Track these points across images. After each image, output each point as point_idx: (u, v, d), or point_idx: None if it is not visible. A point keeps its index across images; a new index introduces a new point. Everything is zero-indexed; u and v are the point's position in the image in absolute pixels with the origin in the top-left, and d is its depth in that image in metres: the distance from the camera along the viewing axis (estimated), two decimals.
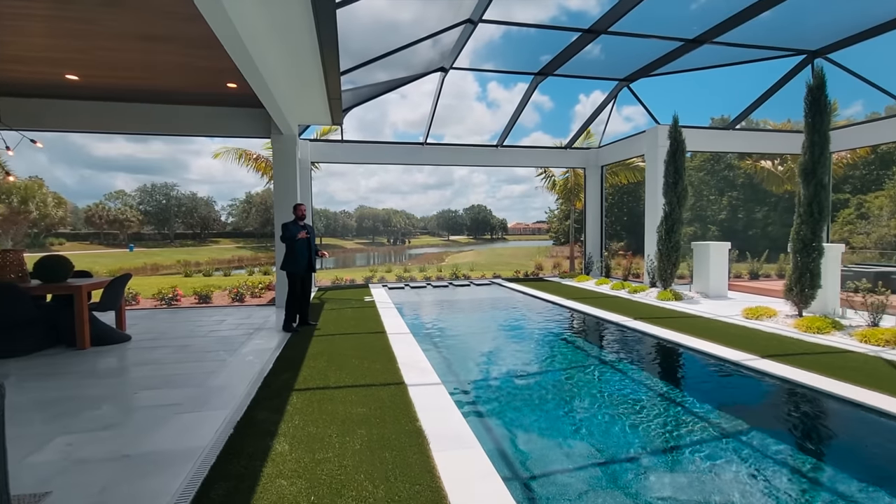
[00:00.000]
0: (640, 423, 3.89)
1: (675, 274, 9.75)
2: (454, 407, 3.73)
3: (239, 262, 47.91)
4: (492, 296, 11.04)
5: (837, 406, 3.96)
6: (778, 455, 3.29)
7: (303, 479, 2.65)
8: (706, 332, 6.27)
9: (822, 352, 5.26)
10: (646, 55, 10.04)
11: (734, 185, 40.20)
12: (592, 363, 5.74)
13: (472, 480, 2.62)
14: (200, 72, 7.18)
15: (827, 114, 6.72)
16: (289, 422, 3.47)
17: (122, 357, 5.52)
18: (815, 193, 6.73)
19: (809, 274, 6.77)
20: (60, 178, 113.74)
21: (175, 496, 2.49)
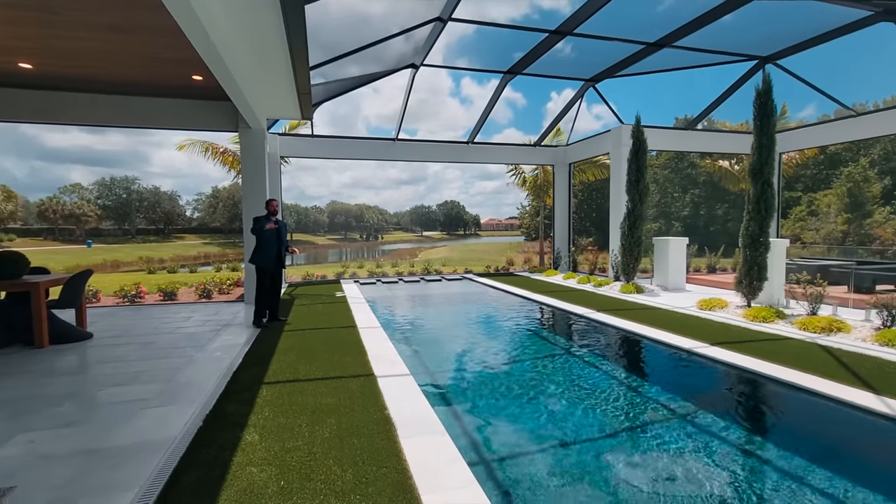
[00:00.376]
0: (598, 406, 4.14)
1: (638, 268, 10.18)
2: (422, 396, 3.87)
3: (206, 259, 46.54)
4: (462, 290, 11.23)
5: (775, 387, 4.31)
6: (721, 432, 3.58)
7: (273, 466, 2.74)
8: (663, 322, 6.62)
9: (765, 339, 5.67)
10: (611, 56, 10.39)
11: (696, 183, 41.73)
12: (556, 353, 6.00)
13: (437, 463, 2.77)
14: (164, 63, 7.02)
15: (773, 117, 7.16)
16: (258, 413, 3.53)
17: (84, 355, 5.39)
18: (763, 192, 7.19)
19: (757, 267, 7.23)
20: (9, 169, 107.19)
21: (145, 485, 2.53)
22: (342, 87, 11.01)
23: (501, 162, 14.77)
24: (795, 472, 3.00)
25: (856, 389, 3.90)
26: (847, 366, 4.53)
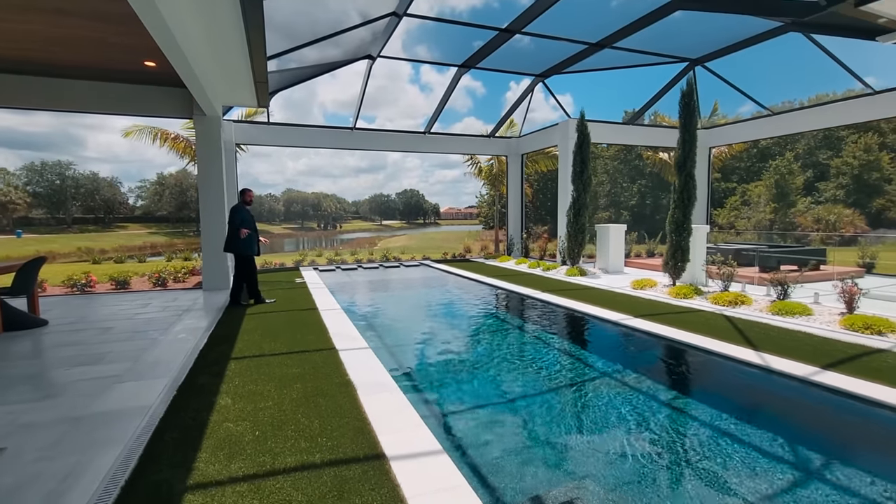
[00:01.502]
0: (532, 367, 4.76)
1: (582, 253, 11.01)
2: (379, 364, 4.33)
3: (153, 249, 44.43)
4: (419, 276, 11.71)
5: (680, 348, 5.09)
6: (637, 384, 4.28)
7: (247, 421, 3.12)
8: (598, 300, 7.39)
9: (681, 311, 6.52)
10: (558, 54, 11.04)
11: (643, 174, 43.92)
12: (502, 327, 6.62)
13: (391, 413, 3.25)
14: (114, 48, 6.95)
15: (695, 116, 8.03)
16: (229, 383, 3.87)
17: (42, 340, 5.45)
18: (686, 183, 8.08)
19: (681, 250, 8.14)
20: None
21: (130, 440, 2.86)
22: (299, 76, 11.07)
23: (457, 152, 15.25)
24: (676, 404, 3.72)
25: (741, 347, 4.72)
26: (741, 330, 5.39)
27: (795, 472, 2.85)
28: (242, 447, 2.77)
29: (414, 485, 2.37)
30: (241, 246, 7.28)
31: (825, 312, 6.14)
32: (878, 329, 5.16)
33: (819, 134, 36.94)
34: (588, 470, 2.89)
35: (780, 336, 5.13)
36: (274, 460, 2.62)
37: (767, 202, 37.10)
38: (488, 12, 9.42)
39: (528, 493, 2.62)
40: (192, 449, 2.77)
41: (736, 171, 41.83)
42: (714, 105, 15.90)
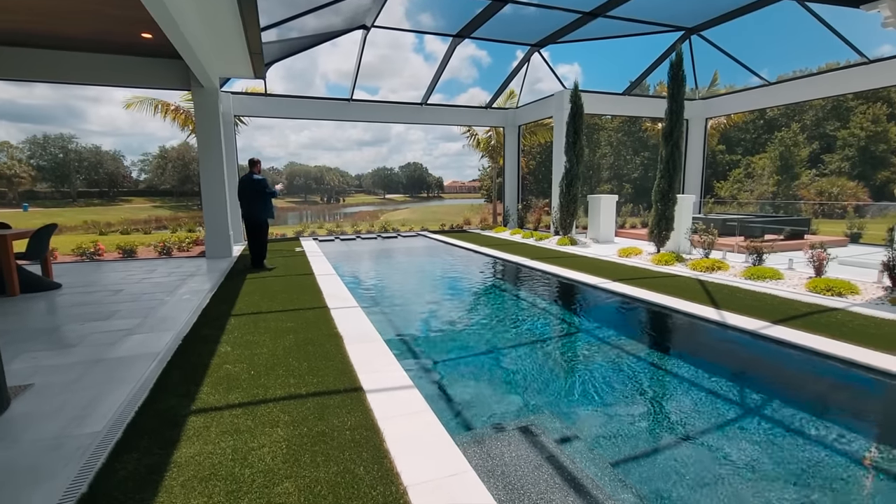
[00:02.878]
0: (505, 324, 5.14)
1: (574, 223, 11.29)
2: (366, 319, 4.71)
3: (157, 223, 44.90)
4: (414, 245, 12.06)
5: (648, 307, 5.44)
6: (595, 331, 4.65)
7: (244, 363, 3.52)
8: (581, 266, 7.72)
9: (658, 276, 6.84)
10: (553, 24, 11.01)
11: (647, 146, 43.49)
12: (483, 289, 6.99)
13: (372, 358, 3.64)
14: (110, 20, 7.10)
15: (683, 87, 8.14)
16: (229, 334, 4.27)
17: (58, 301, 5.87)
18: (671, 153, 8.26)
19: (665, 219, 8.40)
20: None
21: (143, 378, 3.27)
22: (298, 46, 11.13)
23: (455, 123, 15.33)
24: (627, 349, 4.10)
25: (703, 306, 5.06)
26: (709, 292, 5.72)
27: (719, 402, 3.23)
28: (239, 383, 3.17)
29: (384, 410, 2.76)
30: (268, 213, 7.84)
31: (795, 277, 6.45)
32: (839, 291, 5.47)
33: (828, 104, 36.30)
34: (543, 401, 3.29)
35: (744, 297, 5.46)
36: (266, 392, 3.02)
37: (771, 174, 36.81)
38: None
39: (481, 417, 3.02)
40: (196, 384, 3.17)
41: (741, 142, 41.30)
42: (714, 75, 15.77)
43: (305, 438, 2.45)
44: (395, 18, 10.50)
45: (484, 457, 2.54)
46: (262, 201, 7.74)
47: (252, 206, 7.74)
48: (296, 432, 2.51)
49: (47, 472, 2.20)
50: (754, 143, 41.00)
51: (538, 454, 2.58)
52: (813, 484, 2.40)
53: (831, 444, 2.76)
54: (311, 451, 2.34)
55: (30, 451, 2.39)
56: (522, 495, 2.22)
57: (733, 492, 2.33)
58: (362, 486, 2.07)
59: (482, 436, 2.80)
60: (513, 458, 2.54)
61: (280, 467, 2.20)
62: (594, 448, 2.71)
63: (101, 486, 2.09)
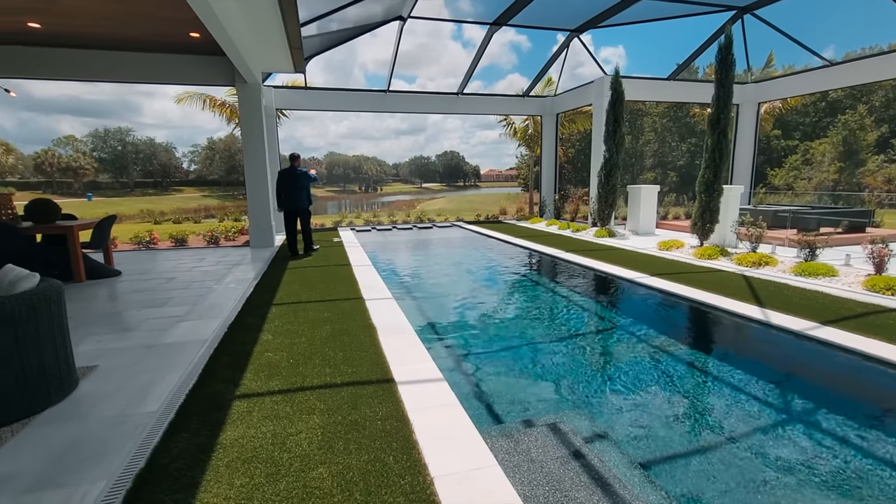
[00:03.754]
0: (538, 318, 5.12)
1: (613, 214, 11.00)
2: (400, 312, 4.83)
3: (206, 211, 47.16)
4: (449, 236, 12.13)
5: (686, 304, 5.27)
6: (644, 335, 4.57)
7: (284, 352, 3.71)
8: (620, 259, 7.54)
9: (699, 271, 6.60)
10: (594, 7, 10.64)
11: (694, 132, 41.46)
12: (517, 282, 6.97)
13: (404, 350, 3.74)
14: (163, 22, 7.47)
15: (732, 71, 7.71)
16: (271, 323, 4.49)
17: (118, 288, 6.34)
18: (718, 142, 7.87)
19: (709, 211, 8.05)
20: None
21: (192, 363, 3.52)
22: (335, 40, 11.32)
23: (491, 113, 15.18)
24: (661, 346, 4.00)
25: (746, 304, 4.85)
26: (753, 289, 5.47)
27: (757, 405, 3.13)
28: (279, 371, 3.35)
29: (414, 401, 2.85)
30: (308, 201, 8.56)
31: (852, 274, 6.05)
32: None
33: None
34: (573, 398, 3.29)
35: (792, 295, 5.19)
36: (303, 380, 3.18)
37: (833, 161, 34.27)
38: None
39: (510, 412, 3.06)
40: (240, 370, 3.37)
41: (799, 126, 38.59)
42: (769, 56, 14.83)
43: (339, 427, 2.58)
44: (434, 4, 10.33)
45: (511, 451, 2.59)
46: (306, 192, 8.46)
47: (295, 197, 8.32)
48: (330, 420, 2.65)
49: (113, 446, 2.43)
50: (814, 127, 38.20)
51: (566, 451, 2.60)
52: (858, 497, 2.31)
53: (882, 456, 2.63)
54: (345, 438, 2.46)
55: (98, 427, 2.64)
56: (547, 492, 2.26)
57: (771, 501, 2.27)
58: (391, 475, 2.17)
59: (510, 430, 2.84)
60: (539, 454, 2.57)
61: (315, 453, 2.33)
62: (624, 447, 2.70)
63: (157, 462, 2.28)
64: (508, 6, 10.35)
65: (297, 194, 8.37)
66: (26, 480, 2.18)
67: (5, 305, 2.66)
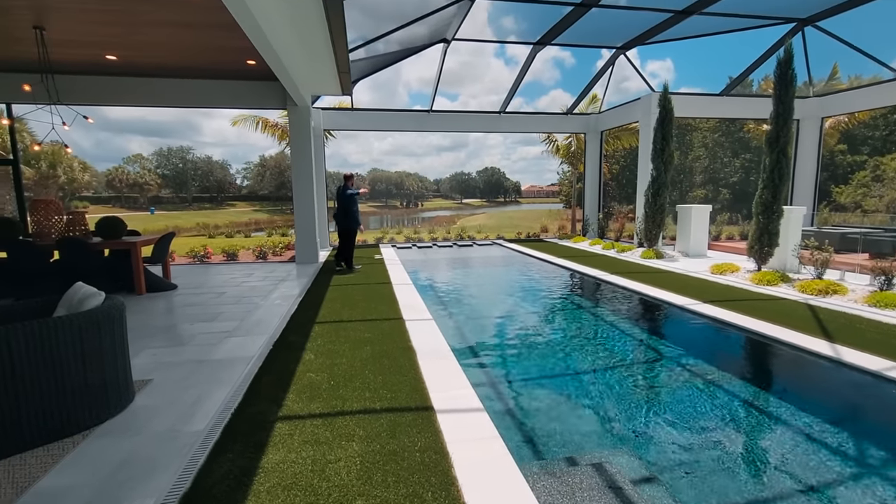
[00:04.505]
0: (583, 345, 4.93)
1: (661, 234, 10.57)
2: (439, 334, 4.79)
3: (256, 225, 49.46)
4: (489, 254, 12.04)
5: (746, 335, 4.92)
6: (695, 368, 4.31)
7: (325, 373, 3.75)
8: (670, 283, 7.19)
9: (758, 298, 6.17)
10: (640, 24, 10.44)
11: (748, 148, 39.54)
12: (559, 305, 6.77)
13: (443, 375, 3.69)
14: (223, 51, 7.98)
15: (793, 87, 7.29)
16: (313, 342, 4.58)
17: (173, 301, 6.69)
18: (777, 161, 7.43)
19: (768, 234, 7.57)
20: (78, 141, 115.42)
21: (238, 380, 3.62)
22: (380, 63, 11.68)
23: (533, 131, 15.11)
24: (714, 380, 3.72)
25: (812, 338, 4.47)
26: (821, 321, 5.05)
27: (825, 452, 2.83)
28: (320, 392, 3.39)
29: (454, 433, 2.79)
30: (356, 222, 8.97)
31: None
32: None
33: None
34: (620, 435, 3.12)
35: (866, 329, 4.74)
36: (343, 404, 3.19)
37: None
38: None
39: (555, 453, 2.93)
40: (282, 390, 3.44)
41: (868, 141, 35.96)
42: (833, 68, 13.97)
43: (378, 456, 2.55)
44: (477, 23, 10.48)
45: (553, 492, 2.46)
46: (352, 213, 8.87)
47: (339, 216, 8.86)
48: (369, 448, 2.63)
49: (162, 464, 2.52)
50: (885, 142, 35.43)
51: (612, 496, 2.45)
52: None
53: None
54: (383, 469, 2.43)
55: (149, 443, 2.75)
56: None
57: None
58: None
59: (552, 468, 2.72)
60: (584, 497, 2.43)
61: (354, 483, 2.31)
62: (677, 494, 2.51)
63: (202, 484, 2.34)
64: (552, 26, 10.35)
65: (343, 213, 8.86)
66: (86, 492, 2.29)
67: (74, 322, 2.84)
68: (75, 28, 6.79)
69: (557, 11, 9.71)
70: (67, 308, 3.16)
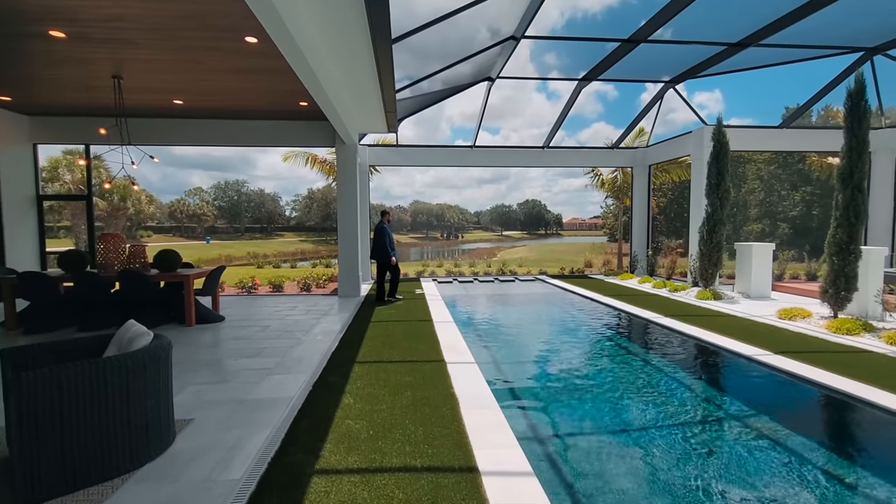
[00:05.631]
0: (639, 398, 4.52)
1: (717, 274, 9.92)
2: (482, 379, 4.56)
3: (302, 255, 51.23)
4: (532, 291, 11.69)
5: (828, 394, 4.35)
6: (770, 431, 3.83)
7: (364, 420, 3.60)
8: (732, 329, 6.62)
9: (837, 350, 5.53)
10: (691, 58, 10.18)
11: (809, 180, 37.35)
12: (611, 351, 6.34)
13: (488, 428, 3.44)
14: (278, 94, 8.41)
15: (866, 119, 6.77)
16: (353, 384, 4.46)
17: (220, 334, 6.82)
18: (853, 198, 6.83)
19: (844, 277, 6.88)
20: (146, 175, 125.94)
21: (278, 424, 3.53)
22: (425, 102, 11.98)
23: (577, 165, 14.89)
24: (806, 454, 3.24)
25: None
26: None
27: None
28: (358, 443, 3.23)
29: (501, 502, 2.53)
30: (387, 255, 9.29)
31: None
32: None
33: None
34: None
35: None
36: (382, 458, 3.01)
37: None
38: (625, 8, 8.74)
39: None
40: (320, 439, 3.30)
41: None
42: None
43: None
44: (520, 60, 10.55)
45: None
46: (387, 247, 9.32)
47: (376, 250, 9.41)
48: None
49: None
50: None
51: None
52: None
53: None
54: None
55: (186, 492, 2.67)
56: None
57: None
58: None
59: None
60: None
61: None
62: None
63: None
64: (598, 62, 10.27)
65: (377, 248, 9.35)
66: None
67: (122, 363, 2.86)
68: (149, 77, 7.36)
69: (601, 47, 9.67)
70: (118, 347, 3.21)
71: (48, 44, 5.96)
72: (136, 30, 5.63)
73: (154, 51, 6.31)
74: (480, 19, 8.81)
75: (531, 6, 7.83)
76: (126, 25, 5.51)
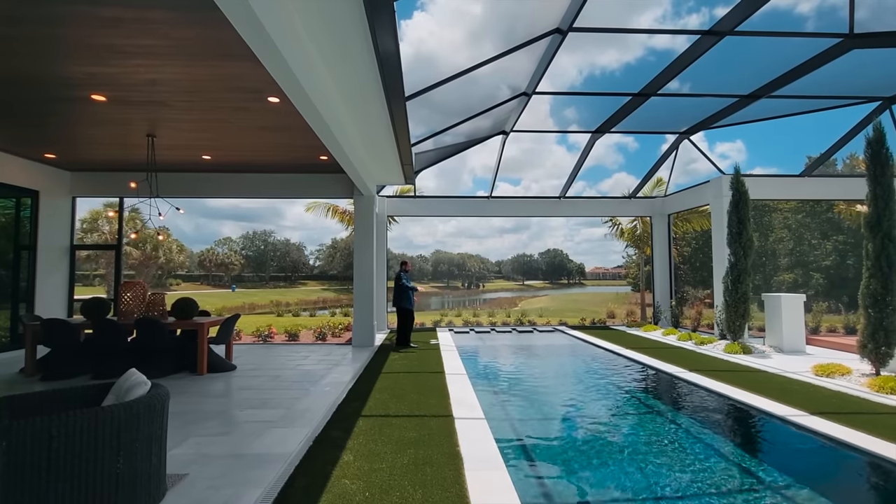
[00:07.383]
0: (664, 462, 4.17)
1: (745, 326, 9.45)
2: (490, 438, 4.31)
3: (323, 304, 51.63)
4: (551, 342, 11.33)
5: (875, 462, 3.93)
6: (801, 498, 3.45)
7: (361, 480, 3.41)
8: (764, 387, 6.19)
9: (883, 412, 5.06)
10: (704, 110, 10.29)
11: (841, 229, 36.23)
12: (634, 409, 5.96)
13: (492, 494, 3.21)
14: (300, 149, 8.81)
15: (889, 166, 6.60)
16: (355, 440, 4.28)
17: (230, 383, 6.76)
18: (883, 246, 6.53)
19: (883, 330, 6.45)
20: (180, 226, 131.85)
21: (272, 483, 3.37)
22: (442, 154, 12.36)
23: (594, 215, 14.85)
24: None
25: None
26: None
27: None
28: None
29: None
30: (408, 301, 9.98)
31: None
32: None
33: None
34: None
35: None
36: None
37: None
38: (643, 66, 9.00)
39: None
40: (313, 501, 3.13)
41: None
42: None
43: None
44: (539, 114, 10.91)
45: None
46: (407, 295, 9.99)
47: (396, 298, 9.98)
48: None
49: None
50: None
51: None
52: None
53: None
54: None
55: None
56: None
57: None
58: None
59: None
60: None
61: None
62: None
63: None
64: (610, 116, 10.49)
65: (399, 295, 9.97)
66: None
67: (114, 414, 2.82)
68: (180, 135, 7.85)
69: (616, 101, 9.89)
70: (116, 396, 3.18)
71: (91, 106, 6.46)
72: (169, 92, 6.07)
73: (186, 111, 6.76)
74: (500, 76, 9.22)
75: (540, 65, 8.16)
76: (161, 89, 5.95)
